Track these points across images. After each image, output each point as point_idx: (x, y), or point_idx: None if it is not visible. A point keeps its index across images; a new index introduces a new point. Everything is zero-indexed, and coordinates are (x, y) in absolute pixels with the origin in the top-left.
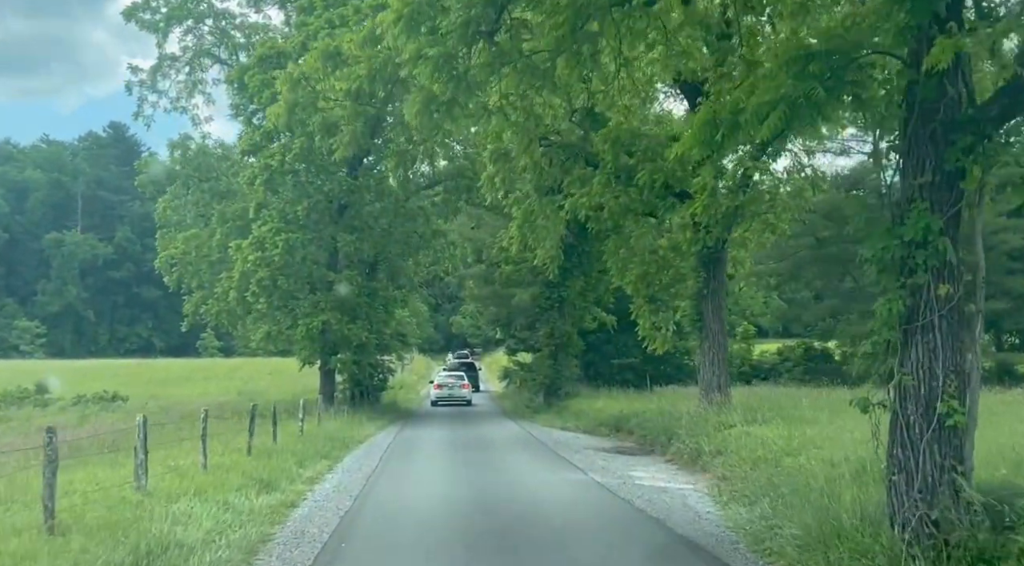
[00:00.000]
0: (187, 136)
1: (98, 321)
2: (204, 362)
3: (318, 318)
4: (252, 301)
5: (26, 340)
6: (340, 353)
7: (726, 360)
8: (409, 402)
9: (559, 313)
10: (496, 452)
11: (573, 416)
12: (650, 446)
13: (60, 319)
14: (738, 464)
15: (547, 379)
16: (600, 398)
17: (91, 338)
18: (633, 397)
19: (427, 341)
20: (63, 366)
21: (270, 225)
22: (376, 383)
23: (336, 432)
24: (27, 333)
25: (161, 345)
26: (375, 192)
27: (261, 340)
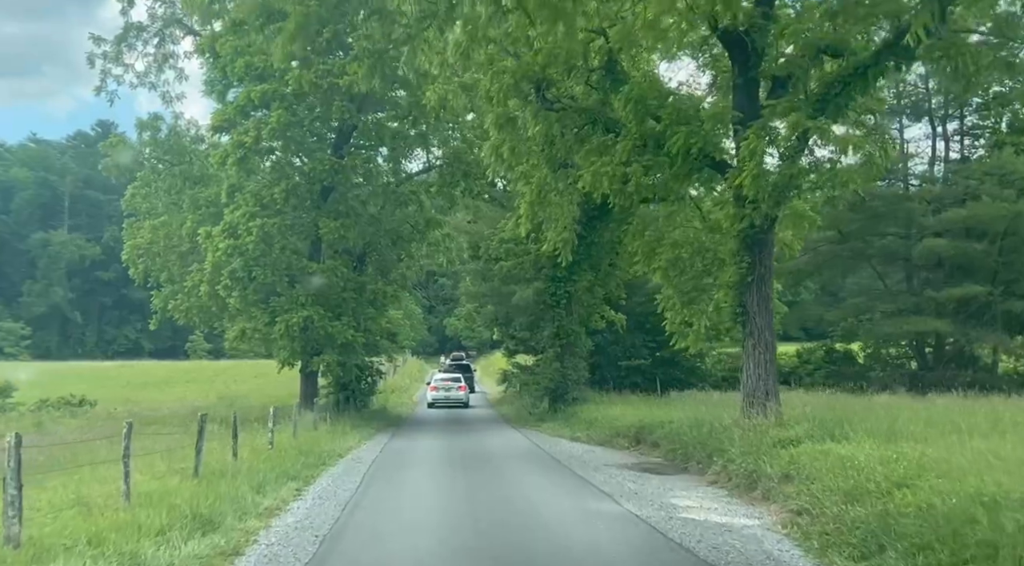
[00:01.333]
0: (157, 116)
1: (85, 323)
2: (189, 365)
3: (298, 314)
4: (224, 295)
5: (10, 342)
6: (323, 353)
7: (775, 361)
8: (400, 407)
9: (566, 310)
10: (501, 470)
11: (584, 425)
12: (682, 462)
13: (46, 321)
14: (822, 495)
15: (552, 383)
16: (615, 404)
17: (78, 340)
18: (653, 403)
19: (421, 343)
20: (43, 368)
21: (244, 210)
22: (364, 387)
23: (313, 444)
24: (11, 335)
25: (150, 347)
26: (363, 173)
27: (235, 339)
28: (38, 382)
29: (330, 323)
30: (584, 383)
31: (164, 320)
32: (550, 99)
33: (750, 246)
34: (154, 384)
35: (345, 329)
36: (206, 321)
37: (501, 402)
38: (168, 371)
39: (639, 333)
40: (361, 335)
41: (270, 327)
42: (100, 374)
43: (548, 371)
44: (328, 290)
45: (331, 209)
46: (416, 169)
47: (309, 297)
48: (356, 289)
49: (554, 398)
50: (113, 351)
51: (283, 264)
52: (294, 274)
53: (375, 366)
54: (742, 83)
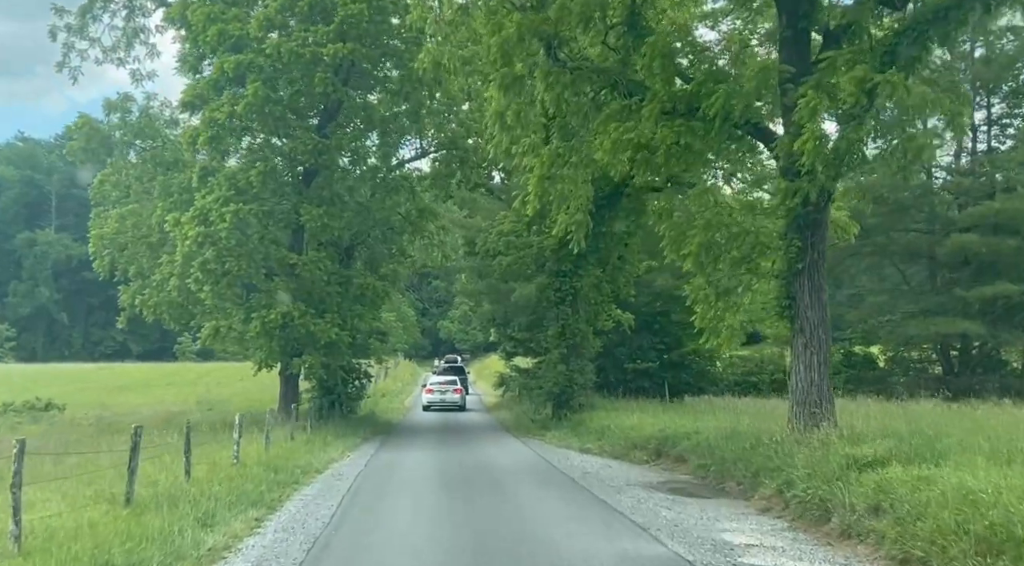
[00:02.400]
0: (128, 96)
1: (72, 324)
2: (173, 367)
3: (276, 310)
4: (195, 289)
5: None
6: (305, 354)
7: (828, 363)
8: (391, 413)
9: (572, 308)
10: (506, 492)
11: (594, 434)
12: (716, 481)
13: (32, 322)
14: (940, 538)
15: (557, 387)
16: (629, 411)
17: (64, 342)
18: (671, 410)
19: (414, 346)
20: (19, 370)
21: (217, 194)
22: (351, 391)
23: (287, 458)
24: None
25: (137, 349)
26: (349, 155)
27: (208, 338)
28: (8, 384)
29: (312, 321)
30: (591, 387)
31: (133, 317)
32: (562, 59)
33: (801, 227)
34: (133, 387)
35: (329, 327)
36: (177, 318)
37: (498, 407)
38: (150, 373)
39: (647, 334)
40: (347, 334)
41: (246, 325)
42: (79, 376)
43: (552, 374)
44: (310, 284)
45: (314, 195)
46: (409, 156)
47: (289, 291)
48: (342, 283)
49: (558, 404)
50: (100, 353)
51: (260, 255)
52: (272, 266)
53: (363, 369)
54: (790, 36)
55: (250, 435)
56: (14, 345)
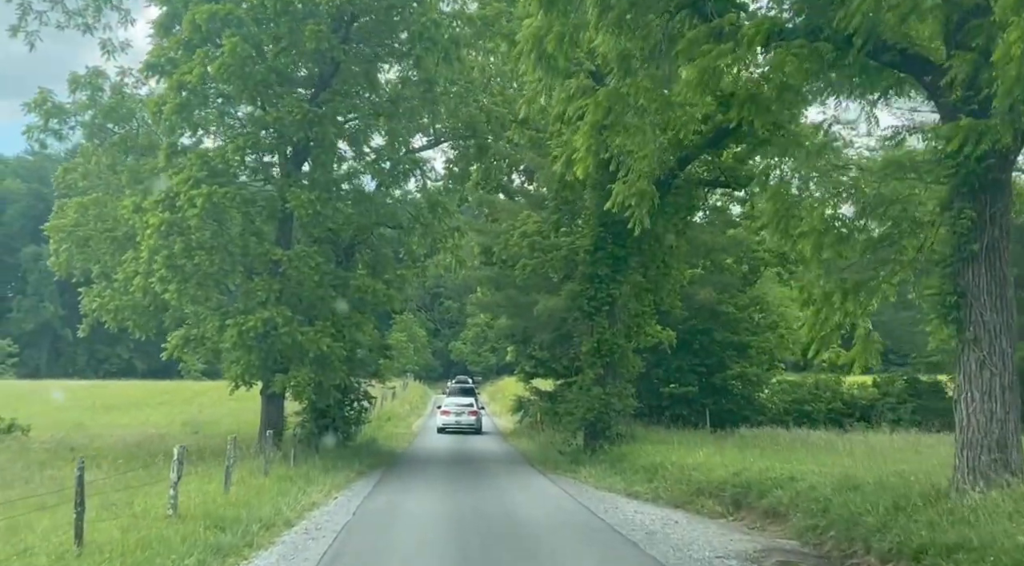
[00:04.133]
0: (98, 71)
1: (76, 341)
2: (169, 385)
3: (256, 316)
4: (159, 290)
5: None
6: (291, 370)
7: (1017, 387)
8: (396, 439)
9: (608, 320)
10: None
11: (642, 473)
12: (842, 552)
13: (35, 338)
14: None
15: (591, 413)
16: (682, 445)
17: (69, 358)
18: (732, 445)
19: (424, 368)
20: (13, 387)
21: (186, 174)
22: (350, 414)
23: (248, 505)
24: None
25: (143, 367)
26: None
27: (176, 349)
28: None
29: (299, 329)
30: (631, 414)
31: (95, 324)
32: None
33: (974, 192)
34: (122, 406)
35: (319, 337)
36: (143, 326)
37: (517, 435)
38: (144, 392)
39: (686, 355)
40: (341, 346)
41: (222, 334)
42: (69, 394)
43: (584, 398)
44: (298, 286)
45: (306, 179)
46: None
47: (272, 293)
48: (337, 286)
49: (592, 433)
50: (105, 371)
51: (238, 249)
52: (252, 263)
53: (362, 389)
54: None
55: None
56: (16, 361)
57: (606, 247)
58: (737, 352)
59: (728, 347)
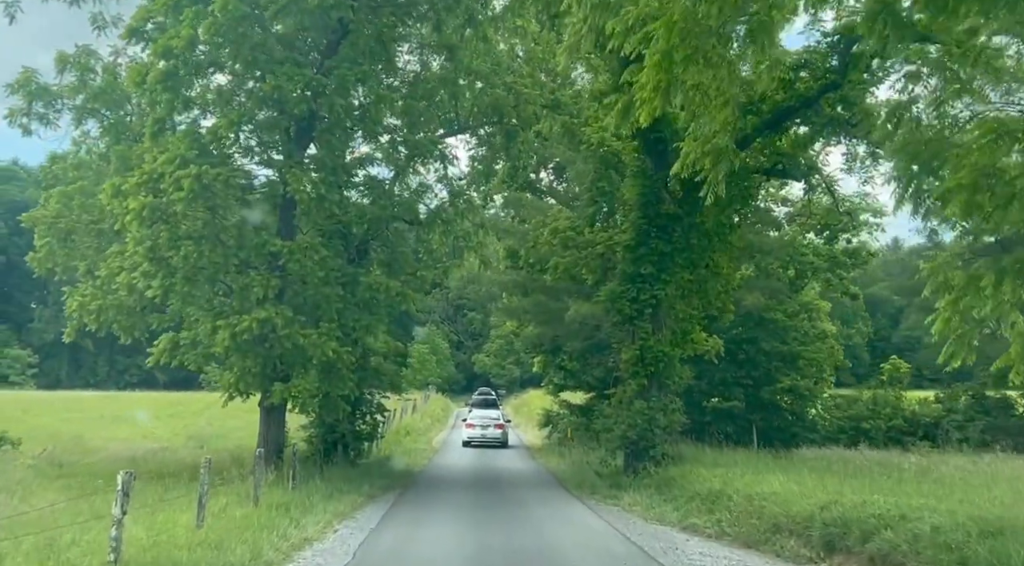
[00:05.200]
0: (88, 49)
1: (97, 351)
2: (184, 396)
3: (252, 316)
4: (142, 286)
5: (16, 370)
6: (293, 379)
7: None
8: (414, 456)
9: (652, 324)
10: None
11: (698, 502)
12: None
13: (56, 349)
14: None
15: (633, 431)
16: (758, 472)
17: (89, 369)
18: (826, 471)
19: (447, 380)
20: (28, 397)
21: (172, 153)
22: (361, 429)
23: (219, 546)
24: (17, 362)
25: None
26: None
27: (162, 355)
28: None
29: (301, 331)
30: (679, 432)
31: (80, 328)
32: None
33: None
34: (129, 418)
35: (324, 341)
36: (128, 328)
37: (545, 452)
38: (156, 403)
39: (730, 366)
40: (348, 351)
41: (213, 337)
42: (79, 405)
43: (625, 413)
44: (301, 283)
45: (312, 161)
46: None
47: (270, 290)
48: (345, 284)
49: (635, 453)
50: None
51: (232, 239)
52: (248, 256)
53: (376, 401)
54: None
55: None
56: (36, 372)
57: (649, 242)
58: (786, 363)
59: (776, 357)
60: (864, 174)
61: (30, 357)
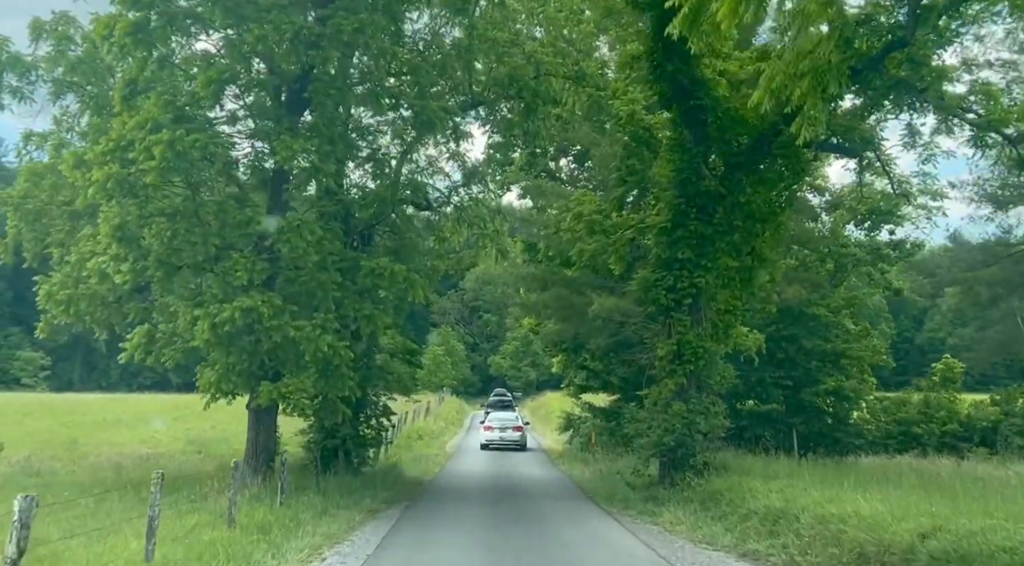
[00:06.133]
0: (65, 15)
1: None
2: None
3: (234, 304)
4: (111, 271)
5: (28, 372)
6: (284, 377)
7: None
8: (425, 463)
9: (692, 317)
10: None
11: (755, 522)
12: None
13: (69, 351)
14: None
15: (671, 436)
16: (824, 486)
17: (102, 372)
18: (900, 485)
19: (462, 382)
20: (34, 400)
21: (144, 116)
22: (365, 434)
23: None
24: (30, 365)
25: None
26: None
27: (137, 350)
28: None
29: (292, 323)
30: (722, 438)
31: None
32: None
33: None
34: (130, 421)
35: (320, 335)
36: (103, 322)
37: (567, 458)
38: (160, 405)
39: (768, 366)
40: (345, 345)
41: (191, 329)
42: (82, 408)
43: (661, 417)
44: (292, 269)
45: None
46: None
47: (256, 275)
48: (345, 269)
49: (672, 462)
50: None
51: (211, 216)
52: (232, 236)
53: (381, 403)
54: None
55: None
56: (49, 374)
57: (687, 224)
58: (829, 363)
59: (816, 356)
60: (926, 151)
61: (42, 359)
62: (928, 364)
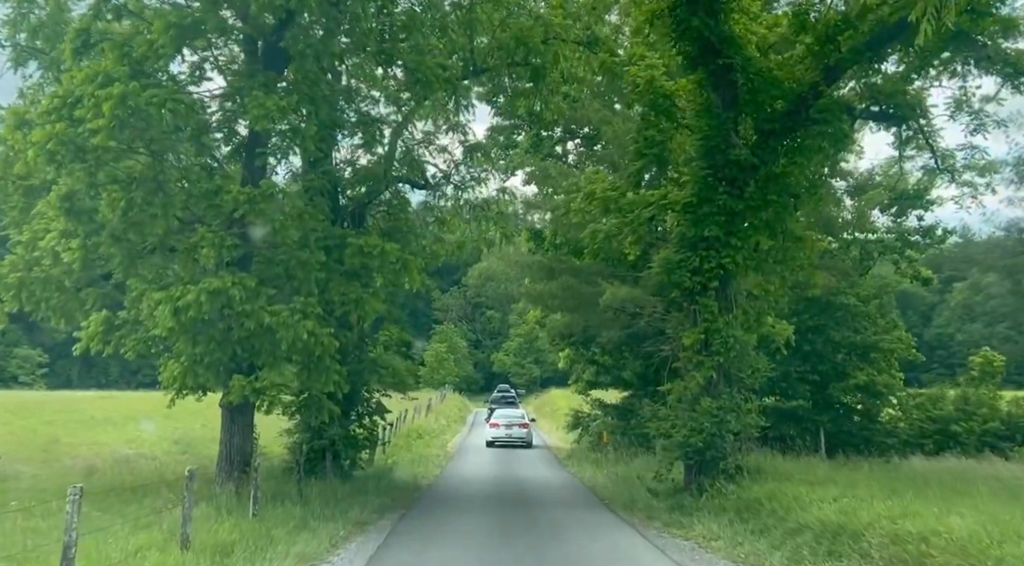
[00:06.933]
0: None
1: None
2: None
3: (200, 286)
4: (59, 249)
5: (26, 370)
6: (262, 370)
7: None
8: (424, 465)
9: (720, 303)
10: None
11: (809, 537)
12: None
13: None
14: None
15: (699, 437)
16: (898, 497)
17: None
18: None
19: (465, 379)
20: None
21: (93, 69)
22: (357, 434)
23: None
24: (27, 362)
25: None
26: None
27: (93, 339)
28: None
29: (268, 308)
30: (756, 438)
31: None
32: None
33: None
34: (118, 420)
35: (299, 321)
36: (61, 308)
37: (576, 458)
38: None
39: (793, 359)
40: (329, 333)
41: (153, 315)
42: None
43: (688, 416)
44: (268, 246)
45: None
46: None
47: (226, 252)
48: (330, 248)
49: (699, 465)
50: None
51: (172, 185)
52: (200, 208)
53: (374, 399)
54: None
55: None
56: (47, 372)
57: (715, 198)
58: (858, 356)
59: (843, 349)
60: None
61: (40, 357)
62: (936, 360)
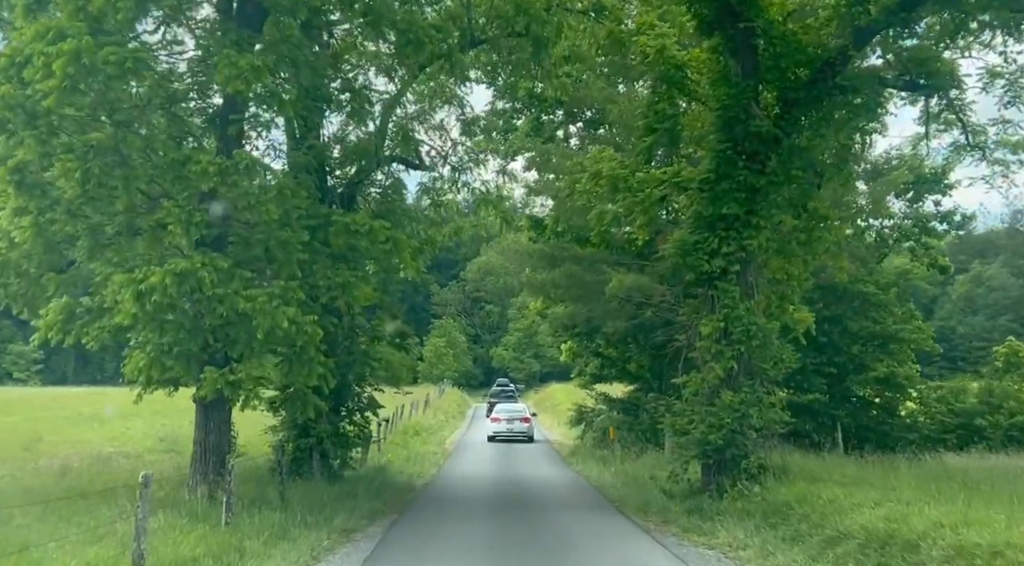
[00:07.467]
0: None
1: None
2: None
3: (166, 269)
4: (9, 227)
5: (20, 366)
6: (241, 362)
7: None
8: (419, 463)
9: (740, 288)
10: None
11: (853, 546)
12: None
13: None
14: None
15: (719, 434)
16: (951, 502)
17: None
18: None
19: (464, 374)
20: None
21: (45, 23)
22: (348, 431)
23: None
24: (22, 359)
25: None
26: None
27: (51, 329)
28: None
29: (244, 292)
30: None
31: None
32: None
33: None
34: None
35: (279, 307)
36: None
37: (580, 456)
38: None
39: (809, 350)
40: (313, 321)
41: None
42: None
43: (706, 411)
44: (244, 224)
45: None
46: None
47: (193, 227)
48: (315, 227)
49: (719, 464)
50: None
51: (136, 153)
52: (163, 180)
53: (366, 394)
54: None
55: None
56: (42, 368)
57: (734, 173)
58: (877, 347)
59: (861, 339)
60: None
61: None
62: (938, 352)
